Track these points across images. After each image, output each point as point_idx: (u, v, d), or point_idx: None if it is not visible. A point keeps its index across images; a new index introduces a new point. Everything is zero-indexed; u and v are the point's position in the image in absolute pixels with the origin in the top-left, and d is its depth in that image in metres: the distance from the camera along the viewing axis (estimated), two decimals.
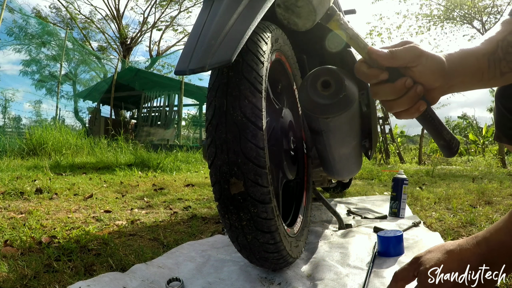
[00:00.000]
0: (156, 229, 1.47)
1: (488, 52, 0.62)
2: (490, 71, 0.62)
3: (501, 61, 0.63)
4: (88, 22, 17.37)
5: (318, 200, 1.55)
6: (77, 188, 2.52)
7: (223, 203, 0.79)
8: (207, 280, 0.94)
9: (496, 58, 0.63)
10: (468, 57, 0.61)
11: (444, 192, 2.50)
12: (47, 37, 10.35)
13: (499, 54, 0.63)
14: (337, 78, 1.12)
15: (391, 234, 1.13)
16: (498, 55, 0.63)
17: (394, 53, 0.57)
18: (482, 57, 0.62)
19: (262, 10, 0.79)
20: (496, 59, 0.63)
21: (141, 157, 4.77)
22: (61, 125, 6.57)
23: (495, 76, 0.62)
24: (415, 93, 0.57)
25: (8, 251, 1.12)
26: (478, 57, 0.62)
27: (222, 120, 0.76)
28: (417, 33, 11.20)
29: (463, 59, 0.61)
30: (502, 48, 0.63)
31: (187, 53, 0.73)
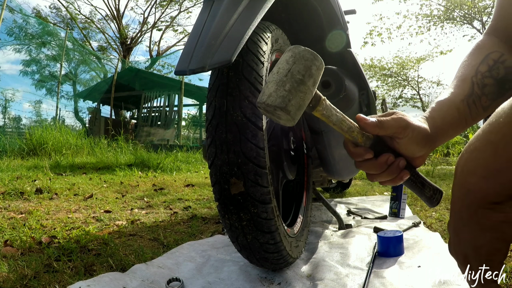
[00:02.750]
0: (156, 229, 1.47)
1: (465, 95, 0.62)
2: (472, 113, 0.62)
3: (481, 97, 0.63)
4: (88, 22, 17.37)
5: (318, 200, 1.55)
6: (77, 188, 2.52)
7: (223, 203, 0.79)
8: (207, 280, 0.94)
9: (476, 98, 0.63)
10: (449, 111, 0.61)
11: (444, 192, 2.50)
12: (47, 37, 10.35)
13: (477, 92, 0.63)
14: (337, 78, 1.12)
15: (391, 234, 1.13)
16: (476, 93, 0.63)
17: (381, 122, 0.57)
18: (461, 104, 0.62)
19: (262, 10, 0.80)
20: (475, 99, 0.63)
21: (141, 157, 4.77)
22: (61, 125, 6.56)
23: (478, 114, 0.63)
24: (397, 167, 0.58)
25: (8, 251, 1.12)
26: (458, 106, 0.62)
27: (222, 120, 0.76)
28: (417, 33, 11.20)
29: (445, 116, 0.61)
30: (477, 85, 0.63)
31: (187, 53, 0.73)
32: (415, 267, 0.99)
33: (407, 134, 0.57)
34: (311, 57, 0.53)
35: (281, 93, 0.51)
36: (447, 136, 0.62)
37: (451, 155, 6.93)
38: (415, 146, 0.58)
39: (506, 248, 0.47)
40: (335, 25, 1.32)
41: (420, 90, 15.51)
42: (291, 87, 0.52)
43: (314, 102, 0.55)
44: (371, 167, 0.59)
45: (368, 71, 15.20)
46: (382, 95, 15.74)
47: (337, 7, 1.32)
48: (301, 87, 0.52)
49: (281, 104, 0.51)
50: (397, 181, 0.60)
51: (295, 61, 0.53)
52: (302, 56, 0.53)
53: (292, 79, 0.52)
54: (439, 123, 0.61)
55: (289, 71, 0.52)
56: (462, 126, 0.63)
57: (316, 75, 0.54)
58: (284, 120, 0.53)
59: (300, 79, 0.52)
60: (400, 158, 0.58)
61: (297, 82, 0.52)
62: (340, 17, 1.31)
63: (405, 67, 15.01)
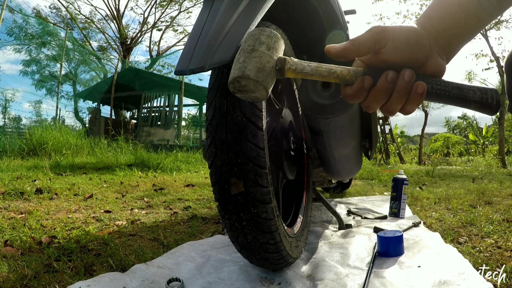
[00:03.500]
0: (156, 229, 1.47)
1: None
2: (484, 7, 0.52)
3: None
4: (88, 22, 17.37)
5: (318, 200, 1.55)
6: (77, 188, 2.52)
7: (223, 203, 0.79)
8: (207, 280, 0.94)
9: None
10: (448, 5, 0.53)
11: (444, 192, 2.50)
12: (47, 37, 10.35)
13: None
14: None
15: (391, 234, 1.13)
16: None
17: (353, 40, 0.51)
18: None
19: (262, 10, 0.79)
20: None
21: (141, 157, 4.77)
22: (61, 125, 6.57)
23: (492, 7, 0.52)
24: (404, 81, 0.48)
25: (8, 251, 1.12)
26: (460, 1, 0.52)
27: (222, 120, 0.76)
28: None
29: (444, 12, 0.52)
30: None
31: (187, 53, 0.73)
32: (415, 267, 0.99)
33: (387, 37, 0.49)
34: (257, 31, 0.56)
35: (236, 66, 0.53)
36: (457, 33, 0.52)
37: (451, 155, 6.93)
38: (407, 47, 0.49)
39: None
40: (335, 25, 1.32)
41: None
42: (245, 57, 0.53)
43: (280, 64, 0.54)
44: (376, 97, 0.50)
45: None
46: None
47: (337, 7, 1.32)
48: (253, 53, 0.53)
49: (238, 73, 0.51)
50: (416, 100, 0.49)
51: (245, 40, 0.56)
52: (250, 34, 0.56)
53: (244, 52, 0.54)
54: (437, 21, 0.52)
55: (241, 49, 0.55)
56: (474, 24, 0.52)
57: (268, 42, 0.54)
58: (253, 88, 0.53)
59: (251, 49, 0.54)
60: (403, 71, 0.48)
61: (248, 52, 0.54)
62: (340, 17, 1.31)
63: None
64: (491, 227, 1.43)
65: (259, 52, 0.54)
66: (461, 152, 11.61)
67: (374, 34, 0.50)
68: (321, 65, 0.54)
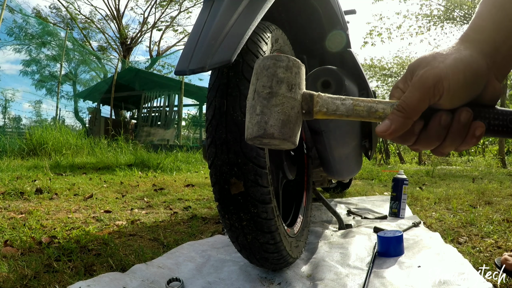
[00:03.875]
0: (156, 229, 1.47)
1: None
2: None
3: None
4: (88, 22, 17.36)
5: (318, 200, 1.55)
6: (77, 188, 2.52)
7: (223, 203, 0.79)
8: (207, 280, 0.94)
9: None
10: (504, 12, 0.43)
11: (444, 192, 2.50)
12: (47, 37, 10.35)
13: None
14: (337, 78, 1.12)
15: (391, 234, 1.13)
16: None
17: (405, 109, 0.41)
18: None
19: (262, 10, 0.79)
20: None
21: (141, 157, 4.77)
22: (61, 125, 6.57)
23: None
24: (459, 124, 0.41)
25: (8, 251, 1.12)
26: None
27: (222, 120, 0.76)
28: (417, 33, 11.19)
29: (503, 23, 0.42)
30: None
31: (187, 53, 0.73)
32: (415, 267, 0.99)
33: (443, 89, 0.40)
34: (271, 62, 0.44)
35: (254, 119, 0.43)
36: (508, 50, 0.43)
37: (451, 155, 6.93)
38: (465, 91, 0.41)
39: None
40: (335, 25, 1.32)
41: None
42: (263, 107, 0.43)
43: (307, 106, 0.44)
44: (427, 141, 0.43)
45: (368, 71, 15.18)
46: (382, 95, 15.72)
47: (337, 7, 1.32)
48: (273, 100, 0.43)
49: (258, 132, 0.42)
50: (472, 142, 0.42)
51: (257, 77, 0.45)
52: (263, 67, 0.45)
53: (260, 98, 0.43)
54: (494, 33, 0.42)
55: (254, 91, 0.44)
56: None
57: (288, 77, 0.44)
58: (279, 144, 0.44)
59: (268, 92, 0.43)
60: (459, 112, 0.41)
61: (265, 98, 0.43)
62: (340, 17, 1.31)
63: (405, 67, 14.99)
64: (491, 227, 1.43)
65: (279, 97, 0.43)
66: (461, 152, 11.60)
67: (426, 91, 0.40)
68: (358, 102, 0.44)
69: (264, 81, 0.44)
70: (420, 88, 0.40)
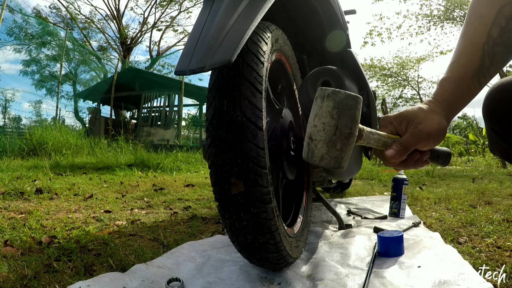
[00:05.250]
0: (156, 229, 1.47)
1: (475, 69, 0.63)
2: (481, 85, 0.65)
3: (490, 69, 0.64)
4: (88, 22, 17.36)
5: (318, 200, 1.55)
6: (77, 188, 2.52)
7: (223, 203, 0.79)
8: (207, 280, 0.94)
9: (485, 70, 0.64)
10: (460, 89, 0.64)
11: (444, 192, 2.50)
12: (47, 37, 10.36)
13: (487, 64, 0.63)
14: (337, 78, 1.12)
15: (391, 234, 1.13)
16: (486, 65, 0.63)
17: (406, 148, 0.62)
18: (471, 81, 0.64)
19: (262, 10, 0.79)
20: (485, 72, 0.64)
21: (141, 157, 4.77)
22: (61, 125, 6.57)
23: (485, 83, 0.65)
24: (422, 159, 0.66)
25: (8, 251, 1.12)
26: (469, 84, 0.64)
27: (222, 120, 0.76)
28: (417, 33, 11.19)
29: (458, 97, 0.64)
30: (488, 55, 0.63)
31: (187, 53, 0.73)
32: (415, 267, 0.99)
33: (430, 141, 0.63)
34: (354, 104, 0.51)
35: (333, 154, 0.51)
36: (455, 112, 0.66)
37: (451, 155, 6.89)
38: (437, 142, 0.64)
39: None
40: (335, 25, 1.32)
41: (420, 90, 15.52)
42: (342, 145, 0.51)
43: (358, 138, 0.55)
44: (401, 165, 0.66)
45: (368, 71, 15.18)
46: (382, 95, 15.72)
47: (337, 7, 1.32)
48: (350, 140, 0.51)
49: (335, 165, 0.51)
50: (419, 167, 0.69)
51: (340, 114, 0.51)
52: (346, 106, 0.51)
53: (341, 136, 0.51)
54: (452, 102, 0.64)
55: (336, 127, 0.51)
56: (470, 99, 0.66)
57: (359, 117, 0.53)
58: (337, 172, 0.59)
59: (349, 133, 0.51)
60: (425, 153, 0.66)
61: (346, 137, 0.51)
62: (340, 17, 1.31)
63: (405, 67, 14.99)
64: (491, 227, 1.43)
65: (353, 137, 0.52)
66: (461, 152, 11.60)
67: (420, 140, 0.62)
68: (380, 138, 0.61)
69: (347, 121, 0.51)
70: (417, 138, 0.62)
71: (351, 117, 0.51)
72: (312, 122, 0.53)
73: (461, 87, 0.64)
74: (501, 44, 0.63)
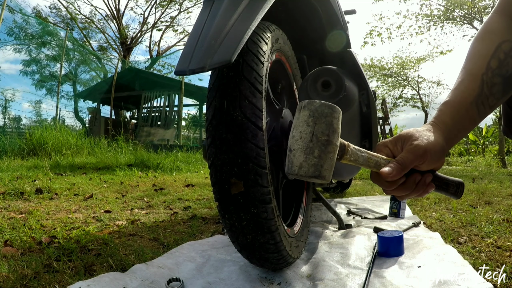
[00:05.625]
0: (156, 229, 1.47)
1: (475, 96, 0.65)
2: (480, 114, 0.66)
3: (488, 98, 0.65)
4: (88, 22, 17.35)
5: (318, 200, 1.55)
6: (77, 188, 2.52)
7: (223, 203, 0.79)
8: (207, 280, 0.94)
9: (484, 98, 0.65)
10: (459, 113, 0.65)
11: None
12: (47, 37, 10.36)
13: (486, 93, 0.65)
14: (337, 78, 1.12)
15: (391, 234, 1.13)
16: (485, 94, 0.65)
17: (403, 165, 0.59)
18: (470, 106, 0.65)
19: (262, 10, 0.79)
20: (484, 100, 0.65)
21: (141, 157, 4.77)
22: (61, 125, 6.57)
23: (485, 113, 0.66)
24: (424, 183, 0.62)
25: (8, 251, 1.12)
26: (467, 108, 0.65)
27: (222, 120, 0.76)
28: (417, 33, 11.18)
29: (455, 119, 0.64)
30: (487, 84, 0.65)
31: (187, 53, 0.73)
32: (415, 267, 0.99)
33: (427, 158, 0.60)
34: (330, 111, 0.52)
35: (311, 161, 0.50)
36: (457, 138, 0.65)
37: (451, 155, 6.92)
38: (436, 161, 0.61)
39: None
40: (335, 25, 1.32)
41: (420, 90, 15.50)
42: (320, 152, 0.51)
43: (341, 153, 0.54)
44: (402, 189, 0.62)
45: (368, 71, 15.18)
46: (382, 95, 15.71)
47: (337, 7, 1.32)
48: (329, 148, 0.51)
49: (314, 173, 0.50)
50: (424, 194, 0.64)
51: (315, 121, 0.51)
52: (321, 113, 0.52)
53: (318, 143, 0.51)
54: (451, 126, 0.64)
55: (312, 134, 0.51)
56: (471, 126, 0.66)
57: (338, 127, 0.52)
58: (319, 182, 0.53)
59: (326, 140, 0.51)
60: (426, 175, 0.62)
61: (324, 144, 0.51)
62: (340, 17, 1.31)
63: (405, 67, 14.98)
64: (491, 227, 1.43)
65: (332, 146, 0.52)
66: (461, 152, 11.60)
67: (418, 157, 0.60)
68: (370, 157, 0.58)
69: (322, 127, 0.51)
70: (414, 154, 0.60)
71: (327, 124, 0.51)
72: (291, 134, 0.54)
73: (460, 112, 0.65)
74: (499, 75, 0.65)
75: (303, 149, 0.51)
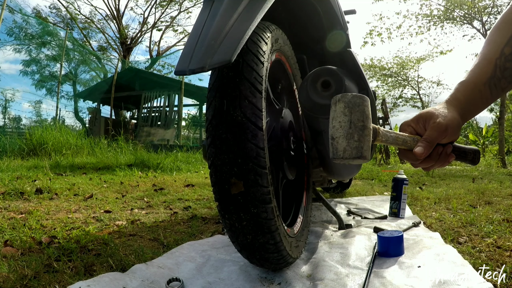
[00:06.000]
0: (156, 229, 1.47)
1: (488, 77, 0.72)
2: (493, 94, 0.72)
3: (500, 80, 0.72)
4: (88, 22, 17.35)
5: (318, 200, 1.55)
6: (77, 188, 2.52)
7: (223, 203, 0.79)
8: (207, 280, 0.94)
9: (496, 81, 0.72)
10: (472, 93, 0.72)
11: (444, 192, 2.50)
12: (47, 37, 10.36)
13: (498, 75, 0.72)
14: (337, 78, 1.12)
15: (391, 234, 1.13)
16: (497, 76, 0.72)
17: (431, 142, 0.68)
18: (483, 87, 0.72)
19: (262, 10, 0.79)
20: (496, 82, 0.72)
21: (141, 157, 4.77)
22: (61, 125, 6.57)
23: (497, 95, 0.73)
24: (446, 153, 0.71)
25: (8, 251, 1.12)
26: (480, 88, 0.72)
27: (222, 120, 0.76)
28: (417, 33, 11.17)
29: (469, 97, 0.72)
30: (500, 68, 0.72)
31: (187, 53, 0.73)
32: (415, 267, 0.99)
33: (448, 133, 0.68)
34: (361, 101, 0.60)
35: (353, 144, 0.58)
36: (470, 115, 0.73)
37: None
38: (454, 134, 0.70)
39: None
40: (335, 25, 1.32)
41: (420, 90, 15.49)
42: (359, 136, 0.59)
43: (374, 135, 0.62)
44: (427, 161, 0.70)
45: (368, 71, 15.17)
46: (382, 95, 15.71)
47: (337, 7, 1.32)
48: (365, 131, 0.59)
49: (357, 154, 0.58)
50: (446, 164, 0.72)
51: (351, 111, 0.60)
52: (354, 103, 0.60)
53: (357, 129, 0.59)
54: (464, 104, 0.72)
55: (350, 122, 0.59)
56: (483, 106, 0.73)
57: (369, 113, 0.61)
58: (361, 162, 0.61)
59: (362, 125, 0.59)
60: (447, 146, 0.71)
61: (361, 129, 0.59)
62: (340, 17, 1.31)
63: (405, 67, 14.97)
64: (491, 227, 1.43)
65: (368, 129, 0.60)
66: None
67: (441, 133, 0.68)
68: (398, 136, 0.67)
69: (358, 115, 0.60)
70: (437, 131, 0.68)
71: (361, 112, 0.60)
72: (331, 124, 0.61)
73: (473, 91, 0.72)
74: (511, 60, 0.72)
75: (345, 136, 0.59)
